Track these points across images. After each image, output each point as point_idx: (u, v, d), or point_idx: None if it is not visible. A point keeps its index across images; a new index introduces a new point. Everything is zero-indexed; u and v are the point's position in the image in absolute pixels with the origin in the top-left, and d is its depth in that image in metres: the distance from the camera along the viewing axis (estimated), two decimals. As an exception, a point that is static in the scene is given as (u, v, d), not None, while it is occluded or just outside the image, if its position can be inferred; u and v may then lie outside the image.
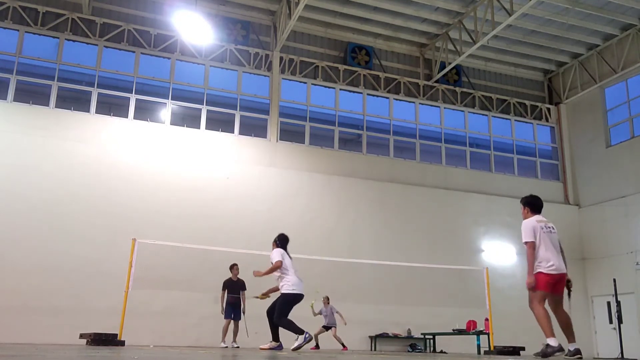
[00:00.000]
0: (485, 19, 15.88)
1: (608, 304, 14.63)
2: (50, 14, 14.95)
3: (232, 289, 12.29)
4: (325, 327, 13.23)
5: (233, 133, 15.84)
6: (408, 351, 14.99)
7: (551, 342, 6.37)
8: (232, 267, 12.45)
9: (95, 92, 14.81)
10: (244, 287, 12.38)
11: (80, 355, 4.52)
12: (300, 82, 17.09)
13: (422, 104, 18.34)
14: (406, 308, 15.38)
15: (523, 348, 12.06)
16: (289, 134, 16.53)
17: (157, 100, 15.45)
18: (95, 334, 10.24)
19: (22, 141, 13.58)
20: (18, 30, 14.57)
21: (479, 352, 13.13)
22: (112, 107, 14.97)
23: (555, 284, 6.56)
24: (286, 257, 8.62)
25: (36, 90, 14.50)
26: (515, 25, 16.69)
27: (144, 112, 15.19)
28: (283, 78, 16.84)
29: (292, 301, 8.44)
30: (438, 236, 16.68)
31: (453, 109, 18.73)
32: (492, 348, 12.33)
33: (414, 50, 18.72)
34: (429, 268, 14.39)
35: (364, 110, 17.55)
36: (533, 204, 6.99)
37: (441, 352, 14.57)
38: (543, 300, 6.50)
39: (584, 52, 18.76)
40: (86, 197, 13.63)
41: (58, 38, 14.90)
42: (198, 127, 15.54)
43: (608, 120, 18.45)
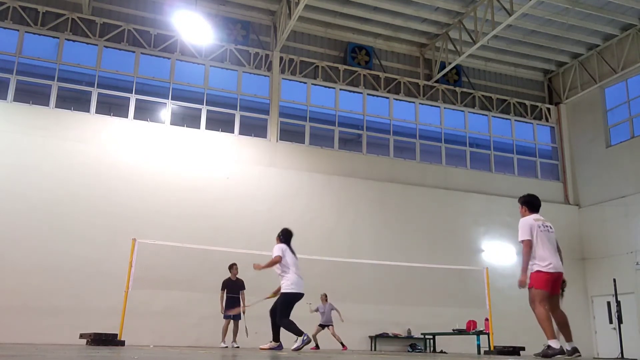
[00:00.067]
0: (485, 19, 15.88)
1: (608, 304, 14.63)
2: (50, 14, 14.95)
3: (232, 289, 12.29)
4: (321, 326, 13.19)
5: (233, 133, 15.84)
6: (408, 351, 14.99)
7: (552, 344, 6.36)
8: (232, 267, 12.45)
9: (95, 92, 14.81)
10: (243, 287, 12.39)
11: (80, 355, 4.52)
12: (300, 82, 17.09)
13: (422, 104, 18.34)
14: (406, 308, 15.38)
15: (523, 348, 12.06)
16: (289, 134, 16.53)
17: (157, 100, 15.45)
18: (95, 334, 10.24)
19: (22, 141, 13.58)
20: (18, 30, 14.57)
21: (479, 352, 13.13)
22: (112, 107, 14.97)
23: (553, 283, 6.56)
24: (288, 254, 8.52)
25: (36, 90, 14.50)
26: (515, 25, 16.69)
27: (144, 112, 15.19)
28: (283, 78, 16.84)
29: (292, 300, 8.37)
30: (438, 236, 16.68)
31: (453, 109, 18.73)
32: (492, 348, 12.33)
33: (414, 50, 18.72)
34: (429, 268, 14.39)
35: (364, 110, 17.55)
36: (531, 203, 6.99)
37: (441, 352, 14.57)
38: (544, 300, 6.47)
39: (584, 52, 18.76)
40: (86, 197, 13.63)
41: (58, 38, 14.89)
42: (198, 127, 15.55)
43: (608, 120, 18.45)
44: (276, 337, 8.51)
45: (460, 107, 18.78)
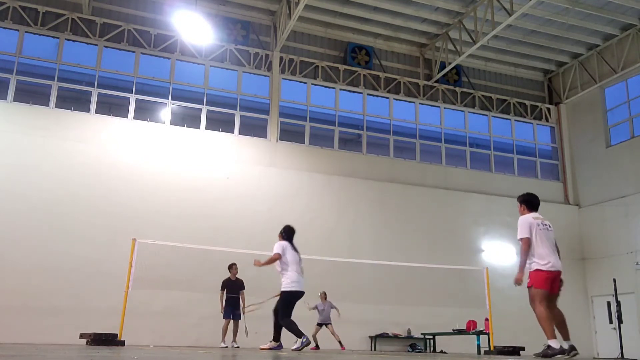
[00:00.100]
0: (485, 19, 15.88)
1: (608, 304, 14.64)
2: (50, 14, 14.95)
3: (231, 289, 12.29)
4: (319, 325, 13.16)
5: (233, 133, 15.84)
6: (408, 351, 14.99)
7: (552, 344, 6.35)
8: (231, 267, 12.45)
9: (95, 92, 14.81)
10: (243, 287, 12.39)
11: (80, 355, 4.52)
12: (300, 82, 17.08)
13: (422, 104, 18.34)
14: (406, 308, 15.37)
15: (523, 348, 12.06)
16: (289, 134, 16.53)
17: (157, 100, 15.45)
18: (95, 334, 10.24)
19: (22, 141, 13.58)
20: (18, 30, 14.57)
21: (479, 352, 13.13)
22: (112, 107, 14.97)
23: (552, 282, 6.56)
24: (289, 251, 8.41)
25: (36, 90, 14.50)
26: (515, 25, 16.68)
27: (144, 112, 15.19)
28: (283, 78, 16.84)
29: (292, 299, 8.29)
30: (438, 236, 16.68)
31: (453, 109, 18.73)
32: (492, 348, 12.33)
33: (414, 50, 18.72)
34: (429, 268, 14.39)
35: (364, 110, 17.54)
36: (530, 202, 7.00)
37: (441, 352, 14.57)
38: (544, 299, 6.47)
39: (584, 52, 18.76)
40: (86, 197, 13.63)
41: (58, 38, 14.89)
42: (198, 127, 15.55)
43: (608, 120, 18.45)
44: (276, 337, 8.44)
45: (460, 107, 18.78)
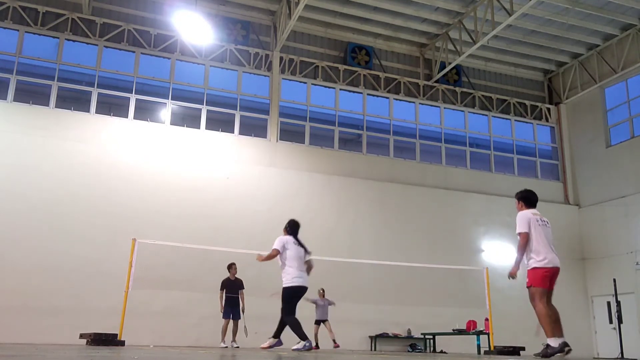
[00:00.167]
0: (485, 19, 15.88)
1: (608, 304, 14.64)
2: (50, 14, 14.95)
3: (231, 289, 12.29)
4: (317, 323, 13.14)
5: (233, 133, 15.84)
6: (408, 351, 14.99)
7: (551, 343, 6.36)
8: (230, 267, 12.44)
9: (95, 92, 14.81)
10: (242, 286, 12.39)
11: (80, 355, 4.52)
12: (300, 82, 17.08)
13: (422, 104, 18.34)
14: (406, 308, 15.37)
15: (523, 348, 12.06)
16: (289, 134, 16.53)
17: (157, 100, 15.45)
18: (95, 334, 10.24)
19: (22, 141, 13.58)
20: (18, 30, 14.57)
21: (479, 352, 13.12)
22: (112, 107, 14.97)
23: (551, 278, 6.56)
24: (291, 247, 8.19)
25: (36, 90, 14.50)
26: (515, 25, 16.69)
27: (144, 112, 15.19)
28: (283, 78, 16.84)
29: (293, 295, 8.06)
30: (438, 236, 16.68)
31: (453, 109, 18.73)
32: (492, 348, 12.33)
33: (414, 50, 18.71)
34: (429, 268, 14.39)
35: (364, 110, 17.54)
36: (528, 199, 7.00)
37: (441, 352, 14.57)
38: (544, 297, 6.48)
39: (584, 52, 18.76)
40: (86, 197, 13.63)
41: (58, 38, 14.89)
42: (198, 127, 15.55)
43: (608, 120, 18.45)
44: (277, 334, 8.24)
45: (460, 107, 18.78)
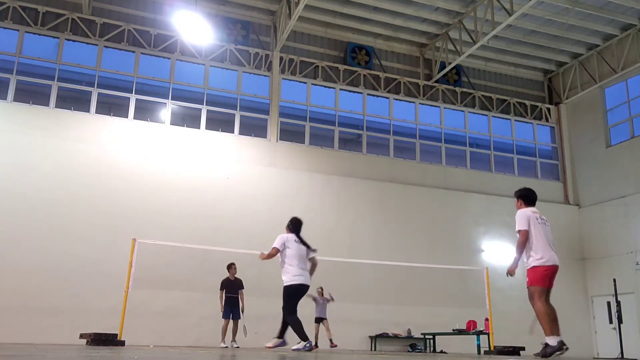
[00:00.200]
0: (485, 19, 15.87)
1: (608, 304, 14.64)
2: (50, 14, 14.95)
3: (230, 289, 12.29)
4: (317, 322, 13.13)
5: (233, 133, 15.83)
6: (408, 351, 14.99)
7: (550, 342, 6.36)
8: (230, 267, 12.45)
9: (95, 92, 14.81)
10: (242, 286, 12.39)
11: (80, 355, 4.52)
12: (300, 82, 17.08)
13: (422, 104, 18.34)
14: (406, 308, 15.37)
15: (523, 348, 12.06)
16: (289, 134, 16.53)
17: (157, 100, 15.45)
18: (95, 334, 10.24)
19: (22, 141, 13.58)
20: (18, 30, 14.57)
21: (479, 352, 13.12)
22: (112, 107, 14.97)
23: (550, 277, 6.56)
24: (292, 245, 8.10)
25: (36, 90, 14.50)
26: (515, 25, 16.68)
27: (144, 112, 15.19)
28: (283, 78, 16.83)
29: (293, 293, 7.95)
30: (438, 236, 16.68)
31: (453, 109, 18.72)
32: (492, 348, 12.33)
33: (414, 50, 18.71)
34: (429, 268, 14.39)
35: (364, 110, 17.54)
36: (527, 197, 6.99)
37: (441, 352, 14.56)
38: (542, 295, 6.48)
39: (584, 52, 18.75)
40: (86, 197, 13.63)
41: (58, 38, 14.89)
42: (198, 127, 15.54)
43: (608, 120, 18.45)
44: (281, 334, 8.14)
45: (460, 107, 18.77)
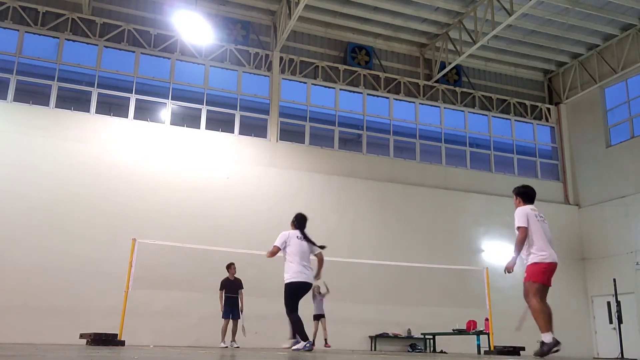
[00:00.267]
0: (485, 19, 15.88)
1: (608, 304, 14.64)
2: (50, 14, 14.95)
3: (230, 289, 12.29)
4: (315, 319, 13.11)
5: (233, 133, 15.83)
6: (408, 351, 14.99)
7: (545, 339, 6.34)
8: (229, 267, 12.45)
9: (95, 92, 14.81)
10: (242, 286, 12.40)
11: (80, 355, 4.52)
12: (300, 82, 17.08)
13: (422, 104, 18.34)
14: (406, 308, 15.37)
15: (523, 348, 12.05)
16: (289, 134, 16.53)
17: (157, 100, 15.44)
18: (95, 334, 10.24)
19: (22, 141, 13.58)
20: (18, 30, 14.57)
21: (479, 352, 13.12)
22: (112, 107, 14.97)
23: (550, 274, 6.56)
24: (293, 242, 7.98)
25: (36, 90, 14.50)
26: (515, 25, 16.68)
27: (144, 112, 15.19)
28: (283, 78, 16.83)
29: (294, 291, 7.82)
30: (438, 236, 16.67)
31: (453, 109, 18.72)
32: (492, 348, 12.33)
33: (414, 50, 18.71)
34: (429, 268, 14.39)
35: (364, 110, 17.54)
36: (526, 194, 6.98)
37: (441, 352, 14.56)
38: (539, 293, 6.45)
39: (584, 52, 18.75)
40: (86, 197, 13.63)
41: (58, 38, 14.89)
42: (198, 127, 15.54)
43: (608, 120, 18.45)
44: (293, 333, 7.98)
45: (460, 107, 18.77)
